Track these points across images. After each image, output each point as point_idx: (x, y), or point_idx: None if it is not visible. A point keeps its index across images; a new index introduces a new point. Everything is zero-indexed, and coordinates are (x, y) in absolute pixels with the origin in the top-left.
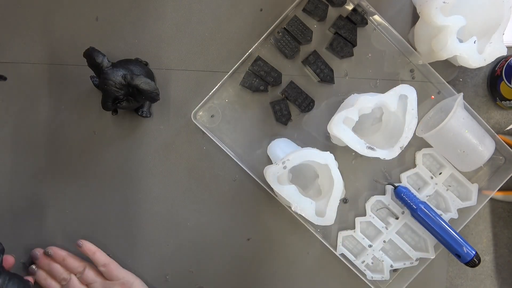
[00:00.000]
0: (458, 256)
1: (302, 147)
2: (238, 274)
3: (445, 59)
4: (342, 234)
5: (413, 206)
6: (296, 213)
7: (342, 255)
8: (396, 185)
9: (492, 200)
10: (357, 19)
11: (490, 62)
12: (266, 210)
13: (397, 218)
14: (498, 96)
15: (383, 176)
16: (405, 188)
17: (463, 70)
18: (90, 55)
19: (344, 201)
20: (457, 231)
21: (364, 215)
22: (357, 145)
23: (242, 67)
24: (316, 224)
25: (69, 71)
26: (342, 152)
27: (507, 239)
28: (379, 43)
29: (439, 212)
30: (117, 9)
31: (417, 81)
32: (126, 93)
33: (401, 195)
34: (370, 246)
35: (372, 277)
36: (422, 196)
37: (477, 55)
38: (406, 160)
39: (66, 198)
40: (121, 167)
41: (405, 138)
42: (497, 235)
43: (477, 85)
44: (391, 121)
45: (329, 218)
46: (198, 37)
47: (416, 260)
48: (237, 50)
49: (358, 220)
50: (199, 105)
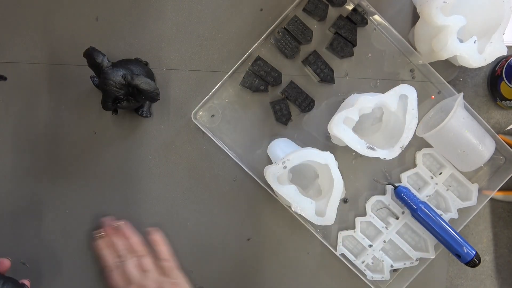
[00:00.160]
0: (458, 256)
1: (302, 147)
2: (238, 274)
3: (445, 59)
4: (342, 234)
5: (413, 206)
6: (296, 213)
7: (342, 255)
8: (396, 185)
9: (492, 200)
10: (357, 19)
11: (490, 62)
12: (266, 210)
13: (397, 218)
14: (498, 96)
15: (383, 176)
16: (405, 188)
17: (463, 70)
18: (90, 55)
19: (344, 201)
20: (457, 231)
21: (364, 215)
22: (357, 145)
23: (242, 67)
24: (316, 224)
25: (69, 71)
26: (342, 152)
27: (507, 239)
28: (379, 43)
29: (439, 212)
30: (117, 9)
31: (417, 81)
32: (126, 93)
33: (401, 195)
34: (370, 246)
35: (372, 277)
36: (422, 196)
37: (477, 55)
38: (406, 160)
39: (66, 198)
40: (121, 167)
41: (405, 138)
42: (497, 235)
43: (477, 85)
44: (391, 121)
45: (329, 218)
46: (198, 37)
47: (416, 260)
48: (237, 50)
49: (358, 220)
50: (199, 105)
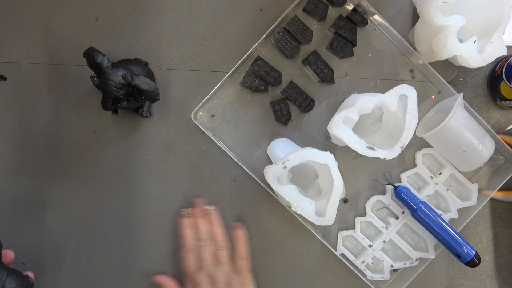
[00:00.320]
0: (458, 256)
1: (302, 147)
2: None
3: (445, 59)
4: (342, 234)
5: (413, 206)
6: (296, 213)
7: (342, 255)
8: (396, 185)
9: (492, 200)
10: (357, 19)
11: (490, 62)
12: (266, 210)
13: (397, 218)
14: (498, 96)
15: (383, 176)
16: (405, 188)
17: (463, 70)
18: (90, 55)
19: (344, 201)
20: (457, 231)
21: (364, 215)
22: (357, 145)
23: (242, 67)
24: (316, 224)
25: (69, 71)
26: (342, 152)
27: (507, 239)
28: (379, 43)
29: (439, 212)
30: (117, 9)
31: (417, 81)
32: (126, 93)
33: (401, 195)
34: (370, 246)
35: (372, 277)
36: (422, 196)
37: (477, 55)
38: (406, 160)
39: (66, 198)
40: (121, 167)
41: (405, 138)
42: (497, 235)
43: (477, 85)
44: (391, 121)
45: (329, 218)
46: (198, 37)
47: (416, 260)
48: (237, 50)
49: (358, 220)
50: (199, 105)
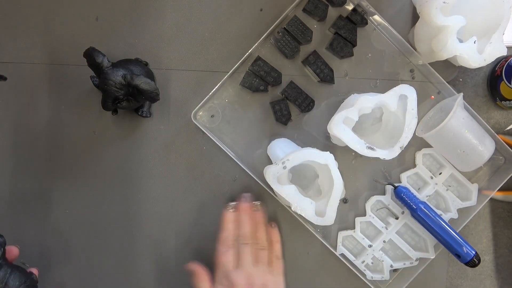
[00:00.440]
0: (458, 256)
1: (302, 147)
2: None
3: (445, 59)
4: (342, 234)
5: (413, 206)
6: (296, 213)
7: (342, 255)
8: (396, 185)
9: (492, 200)
10: (357, 19)
11: (490, 62)
12: (266, 210)
13: (397, 218)
14: (498, 96)
15: (383, 176)
16: (405, 188)
17: (463, 70)
18: (90, 55)
19: (344, 201)
20: (457, 231)
21: (364, 215)
22: (357, 145)
23: (242, 67)
24: (316, 224)
25: (69, 71)
26: (342, 152)
27: (507, 239)
28: (379, 43)
29: (439, 212)
30: (117, 9)
31: (417, 81)
32: (126, 93)
33: (401, 195)
34: (370, 246)
35: (372, 277)
36: (422, 196)
37: (477, 55)
38: (406, 160)
39: (66, 198)
40: (121, 167)
41: (405, 138)
42: (497, 235)
43: (477, 85)
44: (391, 121)
45: (329, 218)
46: (198, 37)
47: (416, 260)
48: (237, 50)
49: (358, 220)
50: (199, 105)
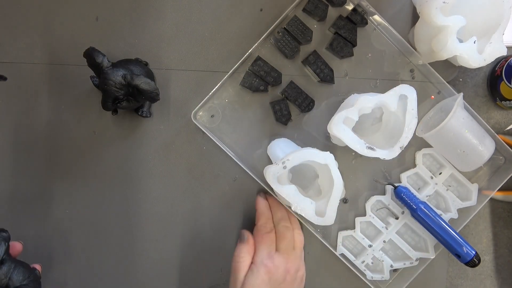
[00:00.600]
0: (458, 256)
1: (302, 147)
2: None
3: (445, 59)
4: (342, 234)
5: (413, 206)
6: (296, 213)
7: (342, 255)
8: (396, 185)
9: (492, 200)
10: (357, 19)
11: (490, 62)
12: None
13: (397, 218)
14: (498, 96)
15: (383, 176)
16: (405, 188)
17: (463, 70)
18: (90, 55)
19: (344, 201)
20: (457, 231)
21: (364, 215)
22: (357, 145)
23: (242, 67)
24: (316, 224)
25: (69, 71)
26: (342, 152)
27: (507, 239)
28: (379, 43)
29: (439, 212)
30: (117, 9)
31: (417, 81)
32: (126, 93)
33: (401, 195)
34: (370, 246)
35: (372, 277)
36: (422, 196)
37: (477, 55)
38: (406, 160)
39: (66, 198)
40: (121, 167)
41: (405, 138)
42: (497, 235)
43: (477, 85)
44: (391, 121)
45: (329, 218)
46: (198, 37)
47: (416, 260)
48: (237, 50)
49: (358, 220)
50: (199, 105)
